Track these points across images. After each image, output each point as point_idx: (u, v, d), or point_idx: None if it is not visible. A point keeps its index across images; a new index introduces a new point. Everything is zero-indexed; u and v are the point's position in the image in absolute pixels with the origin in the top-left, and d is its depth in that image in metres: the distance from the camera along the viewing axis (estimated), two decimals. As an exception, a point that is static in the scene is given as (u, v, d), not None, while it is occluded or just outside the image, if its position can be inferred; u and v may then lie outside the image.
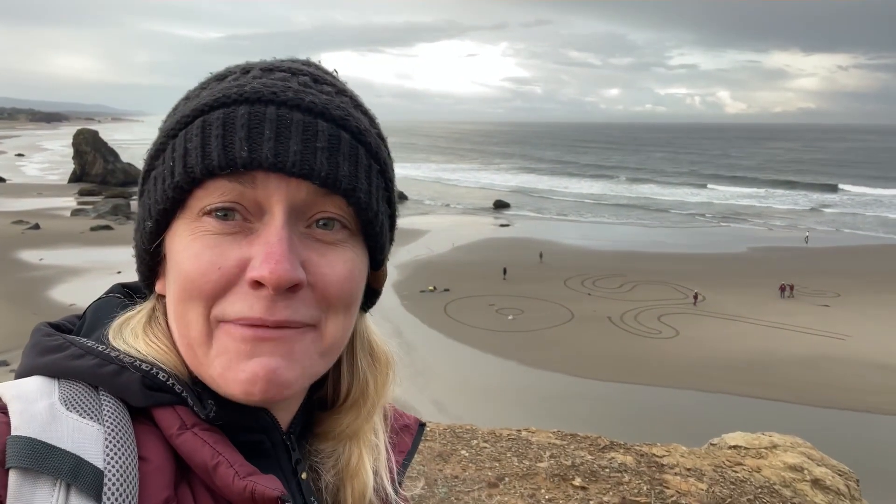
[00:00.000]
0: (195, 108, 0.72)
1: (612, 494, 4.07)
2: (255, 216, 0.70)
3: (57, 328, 0.77)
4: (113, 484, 0.61)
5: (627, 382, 24.94)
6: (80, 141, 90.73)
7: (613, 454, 4.70)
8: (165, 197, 0.71)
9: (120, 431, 0.65)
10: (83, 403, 0.66)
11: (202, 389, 0.72)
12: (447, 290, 36.73)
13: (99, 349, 0.71)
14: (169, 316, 0.75)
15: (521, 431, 5.06)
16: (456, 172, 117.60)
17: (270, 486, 0.67)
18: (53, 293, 34.74)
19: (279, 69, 0.75)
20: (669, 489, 4.20)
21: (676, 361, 26.97)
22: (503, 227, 61.70)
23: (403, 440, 0.97)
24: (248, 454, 0.71)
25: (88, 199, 73.18)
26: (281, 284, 0.67)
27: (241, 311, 0.68)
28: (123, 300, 0.82)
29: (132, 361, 0.70)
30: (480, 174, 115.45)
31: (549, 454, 4.56)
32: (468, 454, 4.49)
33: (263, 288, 0.67)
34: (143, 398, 0.68)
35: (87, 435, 0.63)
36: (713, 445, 5.40)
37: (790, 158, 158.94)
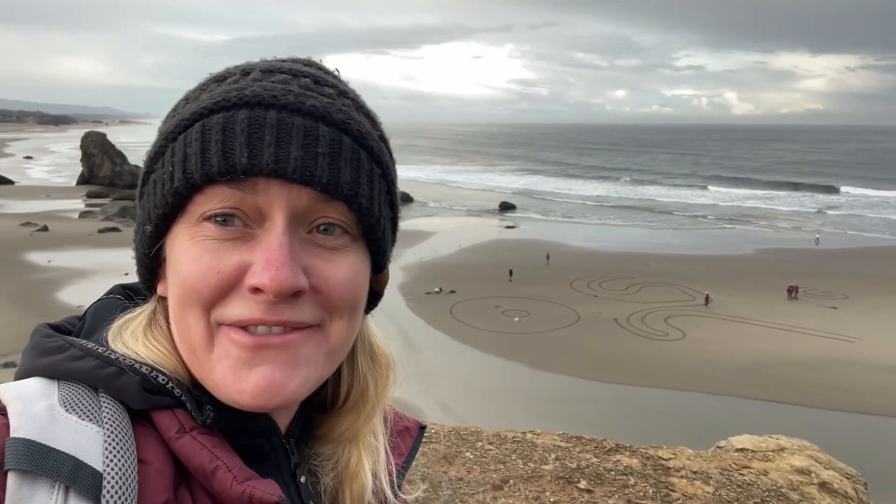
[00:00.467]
0: (195, 111, 0.71)
1: (617, 497, 4.06)
2: (255, 222, 0.69)
3: (57, 329, 0.77)
4: (112, 486, 0.60)
5: (634, 385, 24.85)
6: (88, 143, 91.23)
7: (619, 457, 4.68)
8: (165, 202, 0.70)
9: (119, 434, 0.64)
10: (83, 405, 0.66)
11: (202, 394, 0.71)
12: (453, 291, 36.71)
13: (99, 351, 0.70)
14: (170, 318, 0.74)
15: (526, 434, 5.04)
16: (461, 174, 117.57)
17: (269, 490, 0.66)
18: (61, 295, 34.92)
19: (279, 71, 0.74)
20: (675, 492, 4.18)
21: (683, 364, 26.86)
22: (509, 228, 61.66)
23: (403, 443, 0.96)
24: (247, 458, 0.71)
25: (96, 201, 73.56)
26: (282, 292, 0.66)
27: (240, 313, 0.68)
28: (124, 301, 0.81)
29: (132, 364, 0.69)
30: (486, 176, 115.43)
31: (554, 456, 4.55)
32: (473, 456, 4.48)
33: (263, 294, 0.67)
34: (142, 401, 0.68)
35: (86, 437, 0.62)
36: (720, 448, 5.37)
37: (796, 160, 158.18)
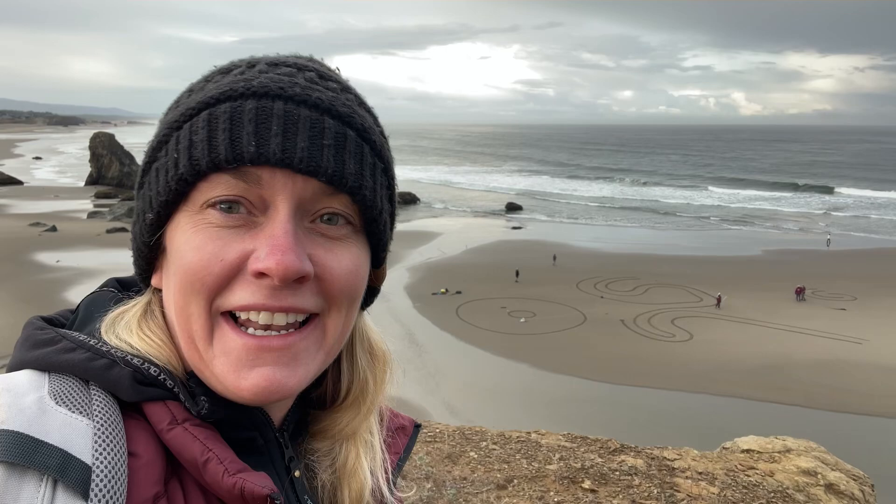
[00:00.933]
0: (201, 100, 0.71)
1: (622, 497, 4.04)
2: (259, 210, 0.69)
3: (50, 322, 0.76)
4: (101, 480, 0.60)
5: (640, 386, 24.76)
6: (96, 144, 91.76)
7: (624, 457, 4.67)
8: (168, 189, 0.70)
9: (109, 426, 0.64)
10: (73, 398, 0.65)
11: (196, 385, 0.71)
12: (459, 292, 36.68)
13: (90, 343, 0.70)
14: (168, 309, 0.74)
15: (530, 434, 5.04)
16: (468, 175, 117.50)
17: (260, 483, 0.66)
18: (69, 295, 35.10)
19: (285, 64, 0.74)
20: (680, 493, 4.17)
21: (690, 365, 26.75)
22: (515, 229, 61.56)
23: (398, 441, 0.96)
24: (240, 451, 0.71)
25: (104, 201, 73.94)
26: (288, 276, 0.66)
27: (242, 299, 0.68)
28: (117, 294, 0.81)
29: (123, 356, 0.69)
30: (493, 177, 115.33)
31: (558, 456, 4.54)
32: (477, 456, 4.48)
33: (267, 279, 0.67)
34: (133, 393, 0.67)
35: (75, 430, 0.62)
36: (725, 449, 5.35)
37: (804, 161, 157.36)
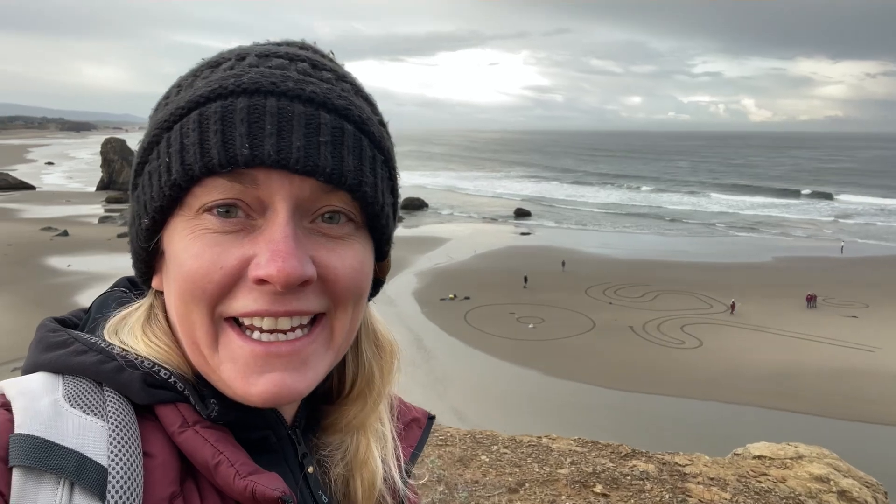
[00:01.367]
0: (190, 98, 0.68)
1: (633, 502, 4.04)
2: (257, 212, 0.67)
3: (63, 323, 0.76)
4: (117, 482, 0.59)
5: (650, 393, 24.64)
6: (108, 149, 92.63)
7: (635, 462, 4.67)
8: (162, 194, 0.68)
9: (124, 428, 0.64)
10: (87, 400, 0.65)
11: (205, 387, 0.71)
12: (468, 297, 36.66)
13: (101, 345, 0.70)
14: (170, 313, 0.73)
15: (541, 438, 5.04)
16: (476, 181, 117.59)
17: (271, 485, 0.66)
18: (80, 299, 35.33)
19: (276, 55, 0.71)
20: (692, 498, 4.16)
21: (700, 372, 26.59)
22: (524, 235, 61.51)
23: (412, 433, 0.95)
24: (254, 450, 0.71)
25: (115, 206, 74.48)
26: (290, 282, 0.65)
27: (245, 306, 0.67)
28: (125, 294, 0.80)
29: (134, 359, 0.69)
30: (501, 182, 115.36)
31: (569, 461, 4.54)
32: (489, 460, 4.49)
33: (269, 285, 0.65)
34: (144, 395, 0.67)
35: (91, 432, 0.62)
36: (737, 455, 5.33)
37: (813, 168, 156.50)
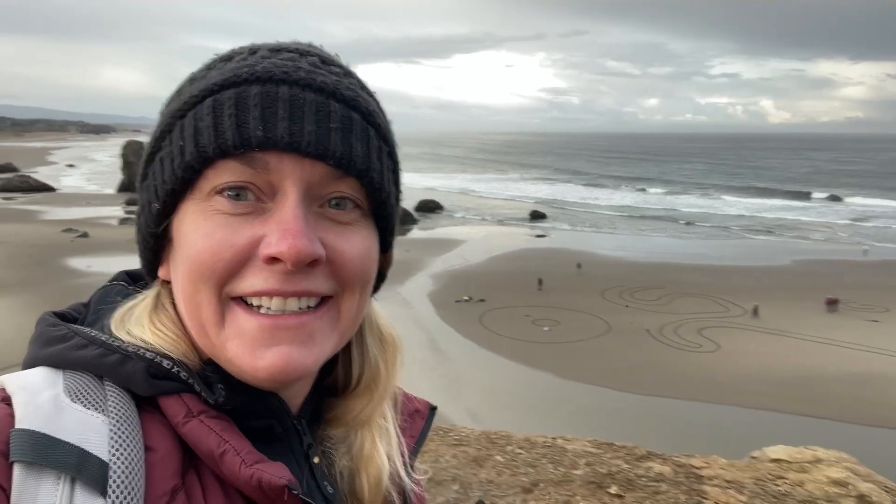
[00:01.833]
0: (204, 87, 0.70)
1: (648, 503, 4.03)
2: (267, 196, 0.68)
3: (62, 317, 0.76)
4: (118, 476, 0.59)
5: (666, 397, 24.47)
6: (128, 152, 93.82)
7: (650, 464, 4.65)
8: (174, 177, 0.69)
9: (125, 422, 0.64)
10: (88, 394, 0.65)
11: (212, 373, 0.71)
12: (482, 300, 36.65)
13: (102, 338, 0.70)
14: (177, 298, 0.73)
15: (556, 439, 5.04)
16: (491, 183, 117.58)
17: (277, 474, 0.66)
18: (100, 299, 35.79)
19: (287, 49, 0.73)
20: (708, 500, 4.14)
21: (717, 376, 26.37)
22: (539, 237, 61.40)
23: (415, 424, 0.96)
24: (259, 440, 0.71)
25: (136, 208, 74.99)
26: (301, 259, 0.66)
27: (254, 285, 0.67)
28: (126, 287, 0.81)
29: (136, 350, 0.69)
30: (516, 185, 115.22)
31: (584, 462, 4.54)
32: (503, 460, 4.50)
33: (279, 263, 0.66)
34: (147, 387, 0.67)
35: (91, 426, 0.61)
36: (754, 458, 5.30)
37: (832, 170, 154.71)
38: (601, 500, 4.01)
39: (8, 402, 0.61)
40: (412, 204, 73.75)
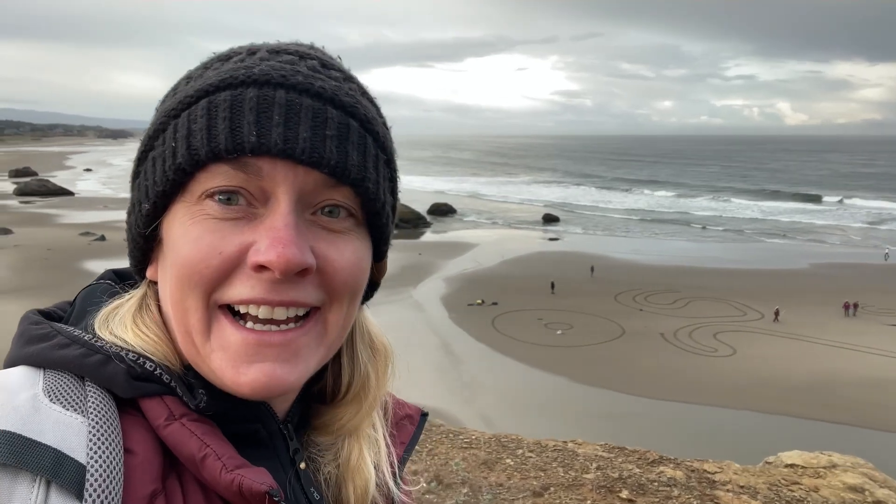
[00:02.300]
0: (200, 87, 0.68)
1: (660, 509, 3.99)
2: (259, 201, 0.67)
3: (48, 316, 0.75)
4: (96, 479, 0.57)
5: (680, 401, 24.24)
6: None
7: (663, 468, 4.61)
8: (165, 179, 0.68)
9: (105, 424, 0.62)
10: (67, 395, 0.63)
11: (194, 378, 0.70)
12: (495, 303, 36.56)
13: (85, 338, 0.68)
14: (164, 302, 0.72)
15: (567, 443, 5.01)
16: (504, 186, 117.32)
17: (258, 479, 0.64)
18: (116, 302, 36.16)
19: (286, 51, 0.72)
20: (721, 506, 4.09)
21: (733, 381, 26.08)
22: (552, 240, 61.18)
23: (405, 431, 0.94)
24: (243, 444, 0.70)
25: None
26: (289, 269, 0.64)
27: (242, 293, 0.66)
28: (112, 286, 0.80)
29: (118, 351, 0.67)
30: (529, 188, 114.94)
31: (595, 466, 4.50)
32: (513, 463, 4.47)
33: (267, 272, 0.65)
34: (129, 389, 0.66)
35: (70, 428, 0.60)
36: (769, 464, 5.23)
37: (849, 172, 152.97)
38: (612, 504, 3.98)
39: None
40: (424, 207, 73.77)
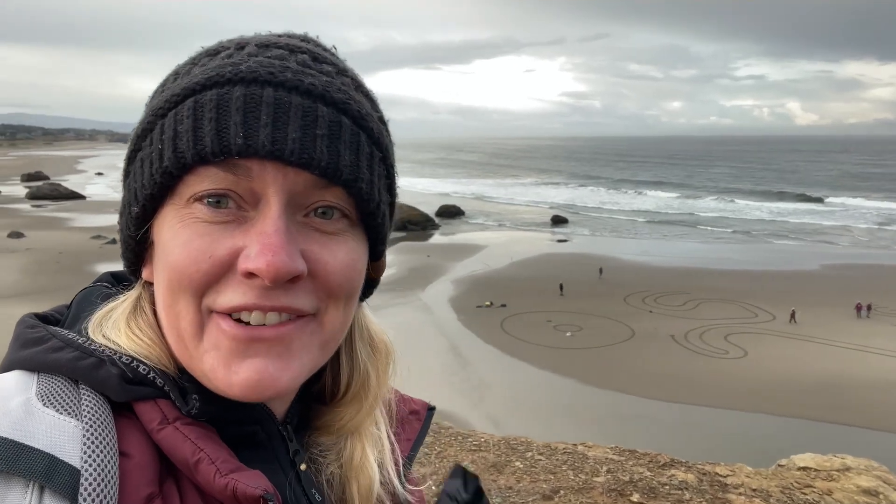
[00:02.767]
0: (186, 86, 0.67)
1: (671, 512, 3.95)
2: (249, 204, 0.66)
3: (44, 319, 0.74)
4: (90, 484, 0.57)
5: (691, 404, 24.09)
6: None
7: (674, 471, 4.57)
8: (153, 182, 0.66)
9: (99, 427, 0.61)
10: (61, 398, 0.62)
11: (188, 383, 0.68)
12: (504, 305, 36.50)
13: (79, 341, 0.67)
14: (157, 305, 0.71)
15: (577, 445, 4.98)
16: (513, 188, 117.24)
17: (252, 483, 0.63)
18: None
19: (276, 46, 0.69)
20: (733, 509, 4.05)
21: (744, 383, 25.90)
22: (561, 242, 61.03)
23: (411, 427, 0.93)
24: (242, 446, 0.69)
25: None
26: (279, 277, 0.63)
27: (233, 300, 0.65)
28: (109, 289, 0.78)
29: (112, 354, 0.67)
30: (537, 190, 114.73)
31: (605, 469, 4.47)
32: (523, 466, 4.45)
33: (258, 279, 0.63)
34: (122, 392, 0.65)
35: (64, 432, 0.59)
36: (781, 467, 5.18)
37: (859, 172, 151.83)
38: (623, 507, 3.94)
39: None
40: (432, 209, 73.82)
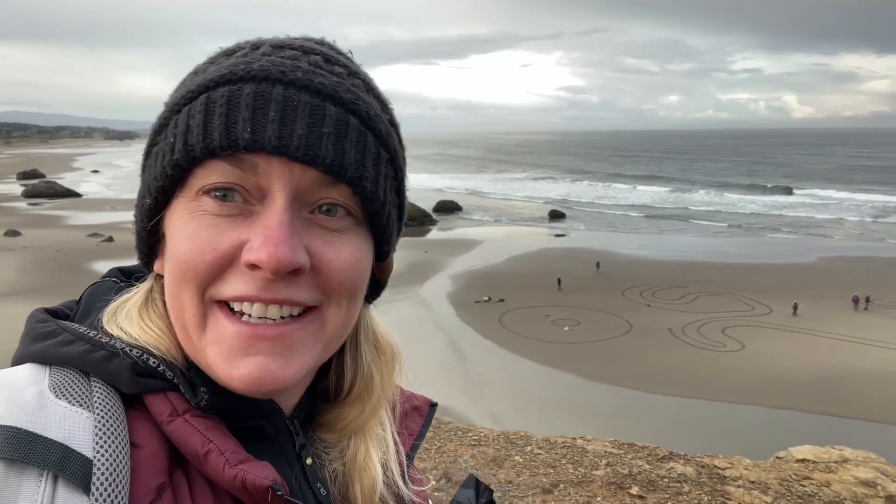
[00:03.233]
0: (201, 83, 0.69)
1: (671, 505, 3.97)
2: (255, 198, 0.67)
3: (54, 314, 0.76)
4: (102, 473, 0.58)
5: (689, 397, 24.17)
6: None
7: (673, 464, 4.58)
8: (164, 174, 0.69)
9: (110, 419, 0.63)
10: (73, 390, 0.64)
11: (197, 375, 0.70)
12: (502, 300, 36.54)
13: (90, 335, 0.69)
14: (166, 297, 0.72)
15: (576, 439, 4.99)
16: (510, 183, 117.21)
17: (261, 474, 0.64)
18: (124, 302, 36.31)
19: (290, 47, 0.71)
20: (732, 501, 4.07)
21: (741, 376, 25.99)
22: (559, 237, 61.07)
23: (414, 422, 0.94)
24: (249, 438, 0.71)
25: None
26: (280, 269, 0.64)
27: (236, 290, 0.66)
28: (118, 283, 0.81)
29: (122, 347, 0.68)
30: (535, 184, 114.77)
31: (605, 462, 4.49)
32: (522, 460, 4.46)
33: (260, 270, 0.65)
34: (132, 384, 0.66)
35: (76, 423, 0.61)
36: (779, 459, 5.20)
37: (856, 165, 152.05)
38: (622, 500, 3.96)
39: None
40: (430, 205, 73.78)
